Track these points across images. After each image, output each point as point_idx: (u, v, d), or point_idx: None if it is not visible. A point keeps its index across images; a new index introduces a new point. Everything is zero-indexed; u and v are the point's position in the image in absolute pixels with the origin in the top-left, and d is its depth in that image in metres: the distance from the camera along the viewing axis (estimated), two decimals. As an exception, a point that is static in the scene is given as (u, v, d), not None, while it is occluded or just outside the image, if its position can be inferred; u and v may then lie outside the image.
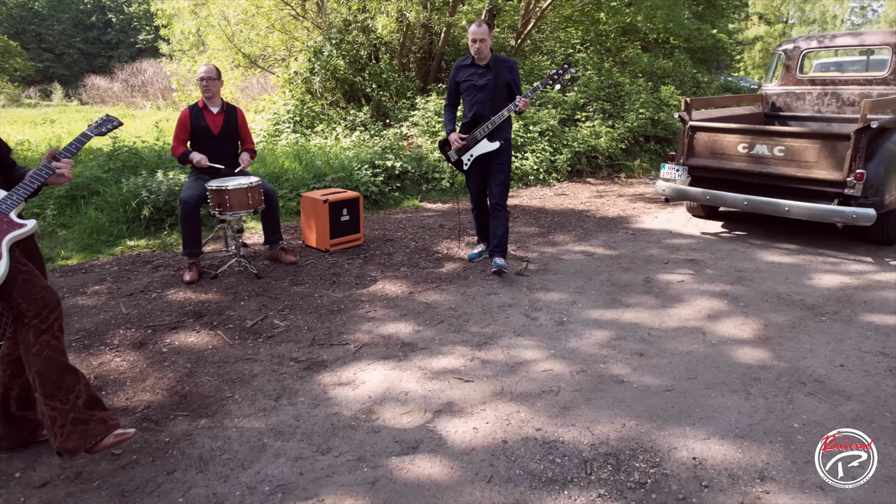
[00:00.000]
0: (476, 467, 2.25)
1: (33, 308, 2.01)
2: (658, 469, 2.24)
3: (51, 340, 2.04)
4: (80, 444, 2.06)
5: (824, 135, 4.58)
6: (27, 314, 2.01)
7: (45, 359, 2.03)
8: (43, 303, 2.03)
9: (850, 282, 4.13)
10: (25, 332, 2.02)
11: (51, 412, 2.04)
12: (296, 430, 2.50)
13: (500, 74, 3.97)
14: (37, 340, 2.02)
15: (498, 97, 4.03)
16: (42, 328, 2.03)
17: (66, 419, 2.04)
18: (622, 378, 2.89)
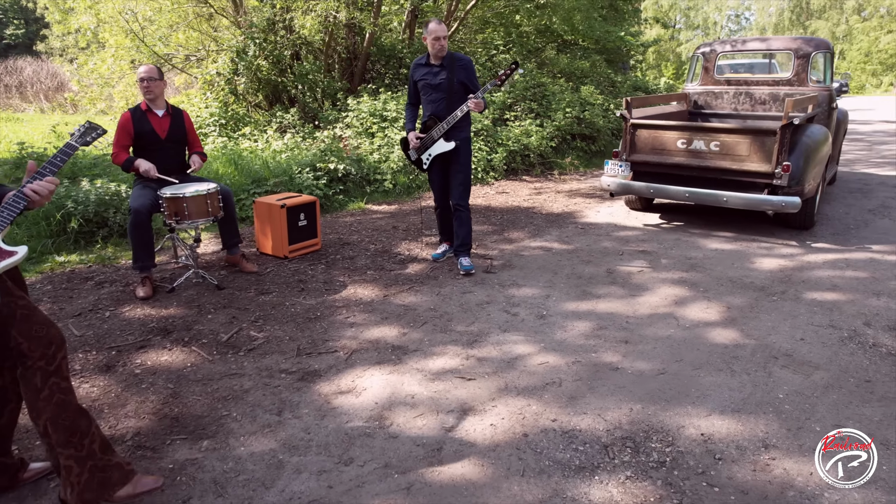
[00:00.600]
0: (505, 462, 2.27)
1: (38, 349, 1.80)
2: (673, 447, 2.37)
3: (60, 383, 1.84)
4: (98, 495, 1.88)
5: (754, 130, 5.00)
6: (31, 355, 1.79)
7: (56, 404, 1.82)
8: (47, 341, 1.82)
9: (786, 264, 4.53)
10: (31, 375, 1.81)
11: (66, 461, 1.84)
12: (309, 443, 2.41)
13: (455, 73, 4.01)
14: (45, 384, 1.81)
15: (453, 96, 4.05)
16: (50, 370, 1.82)
17: (84, 467, 1.86)
18: (615, 365, 3.01)
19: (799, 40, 6.38)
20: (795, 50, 6.32)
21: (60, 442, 1.83)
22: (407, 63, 10.76)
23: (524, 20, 12.82)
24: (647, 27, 25.40)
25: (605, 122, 10.41)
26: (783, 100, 6.37)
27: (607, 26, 14.40)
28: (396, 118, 8.35)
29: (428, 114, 4.21)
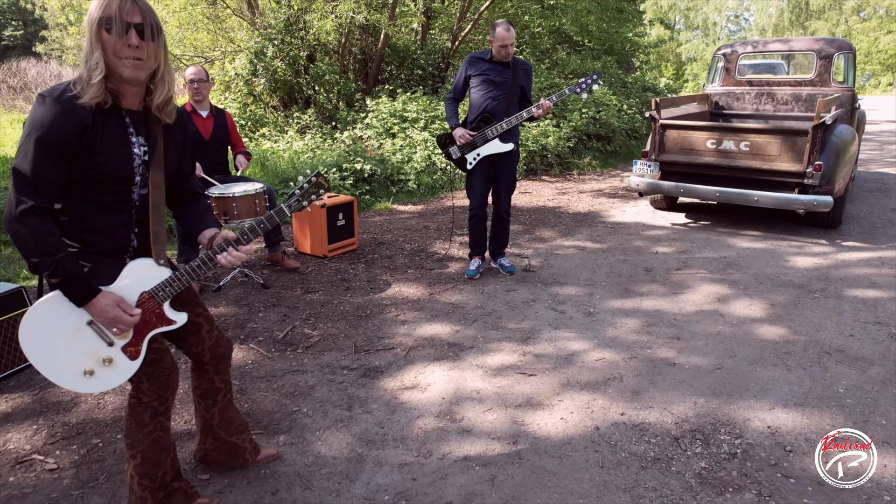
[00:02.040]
0: (583, 454, 2.32)
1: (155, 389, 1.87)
2: (742, 440, 2.41)
3: (163, 421, 1.93)
4: None
5: (785, 131, 5.05)
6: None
7: (154, 439, 1.92)
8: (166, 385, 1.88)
9: (820, 262, 4.59)
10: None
11: (142, 492, 1.92)
12: (385, 437, 2.46)
13: (518, 75, 3.96)
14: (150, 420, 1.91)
15: (513, 97, 3.95)
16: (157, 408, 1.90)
17: (156, 498, 1.95)
18: (672, 361, 3.06)
19: (821, 41, 6.44)
20: (818, 51, 6.38)
21: (141, 472, 1.88)
22: (420, 64, 10.82)
23: (534, 21, 12.88)
24: (650, 27, 25.49)
25: (620, 123, 10.48)
26: (806, 100, 6.43)
27: (616, 27, 14.48)
28: (417, 118, 8.40)
29: (481, 110, 3.98)
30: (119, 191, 1.69)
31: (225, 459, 2.17)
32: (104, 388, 1.75)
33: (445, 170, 7.67)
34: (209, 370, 2.03)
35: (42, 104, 1.53)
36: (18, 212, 1.52)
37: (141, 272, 1.74)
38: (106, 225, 1.70)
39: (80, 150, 1.56)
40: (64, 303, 1.64)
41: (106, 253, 1.72)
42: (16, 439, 2.44)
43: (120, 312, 1.66)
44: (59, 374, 1.69)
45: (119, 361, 1.73)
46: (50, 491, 2.14)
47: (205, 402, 2.07)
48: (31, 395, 2.77)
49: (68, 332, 1.67)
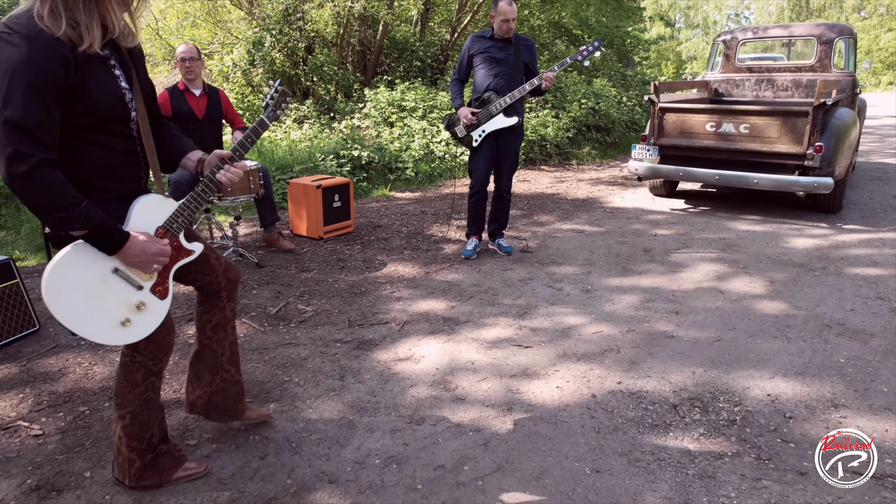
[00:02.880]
0: (579, 420, 2.27)
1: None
2: (741, 407, 2.37)
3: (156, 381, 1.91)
4: (154, 481, 1.94)
5: (785, 112, 5.00)
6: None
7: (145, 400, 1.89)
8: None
9: (820, 243, 4.54)
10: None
11: (129, 454, 1.89)
12: (377, 405, 2.41)
13: (521, 51, 3.91)
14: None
15: (517, 73, 3.90)
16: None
17: (145, 460, 1.93)
18: (671, 334, 3.01)
19: (822, 26, 6.39)
20: (818, 36, 6.32)
21: (129, 433, 1.83)
22: (419, 56, 10.77)
23: (534, 15, 12.84)
24: (651, 24, 25.41)
25: (619, 114, 10.43)
26: (806, 86, 6.38)
27: (616, 21, 14.42)
28: (415, 108, 8.35)
29: (485, 87, 3.93)
30: (120, 129, 1.62)
31: (230, 405, 2.10)
32: (144, 334, 1.69)
33: (443, 158, 7.63)
34: (223, 297, 1.99)
35: (13, 43, 1.39)
36: (27, 168, 1.38)
37: (150, 208, 1.68)
38: (121, 166, 1.64)
39: (72, 90, 1.47)
40: (83, 256, 1.54)
41: (123, 196, 1.65)
42: (1, 407, 2.39)
43: (160, 246, 1.62)
44: (97, 331, 1.60)
45: (151, 304, 1.69)
46: (34, 455, 2.09)
47: (217, 335, 2.02)
48: (19, 365, 2.73)
49: (95, 285, 1.58)
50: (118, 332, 1.63)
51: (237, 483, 1.95)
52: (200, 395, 2.08)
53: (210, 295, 1.98)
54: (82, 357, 2.82)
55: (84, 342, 2.96)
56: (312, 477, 1.98)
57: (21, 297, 3.01)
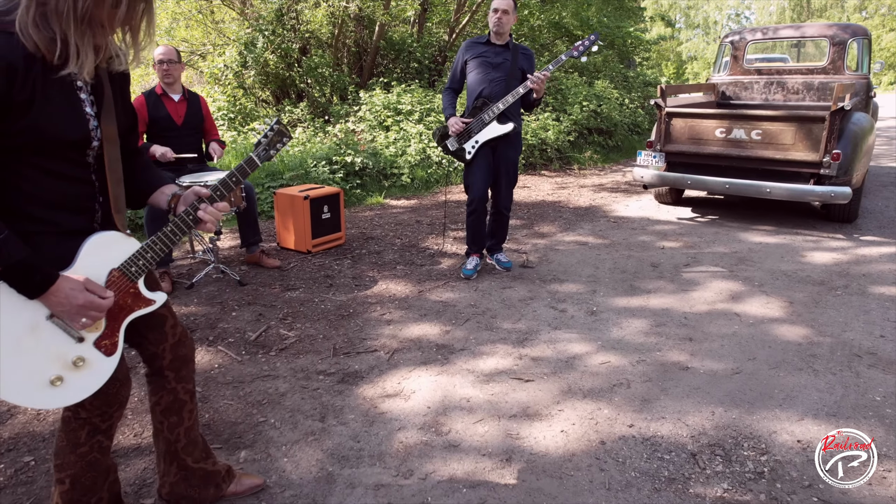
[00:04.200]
0: (586, 474, 2.01)
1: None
2: (769, 456, 2.11)
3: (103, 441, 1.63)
4: None
5: (800, 117, 4.74)
6: None
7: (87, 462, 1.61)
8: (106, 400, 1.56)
9: (839, 257, 4.28)
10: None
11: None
12: (360, 453, 2.15)
13: (518, 59, 3.64)
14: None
15: (513, 80, 3.63)
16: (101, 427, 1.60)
17: None
18: (685, 365, 2.75)
19: (835, 27, 6.12)
20: (831, 37, 6.06)
21: (68, 499, 1.58)
22: (417, 57, 10.51)
23: (534, 15, 12.59)
24: (651, 24, 25.17)
25: (622, 117, 10.17)
26: (818, 89, 6.12)
27: (618, 21, 14.17)
28: (411, 111, 8.09)
29: (478, 94, 3.68)
30: (73, 156, 1.37)
31: (195, 492, 1.81)
32: (78, 397, 1.41)
33: (441, 163, 7.36)
34: (169, 377, 1.68)
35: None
36: None
37: (106, 246, 1.42)
38: (66, 197, 1.37)
39: (14, 105, 1.22)
40: (9, 296, 1.29)
41: (70, 231, 1.39)
42: (-63, 456, 2.13)
43: (90, 296, 1.34)
44: (18, 391, 1.32)
45: (93, 360, 1.41)
46: (-35, 519, 1.83)
47: (168, 421, 1.72)
48: (-34, 404, 2.47)
49: (21, 333, 1.31)
50: (46, 392, 1.36)
51: (194, 556, 1.69)
52: (163, 485, 1.81)
53: (155, 371, 1.69)
54: (38, 392, 2.55)
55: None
56: (282, 547, 1.72)
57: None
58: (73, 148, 1.36)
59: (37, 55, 1.23)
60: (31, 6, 1.21)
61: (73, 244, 1.39)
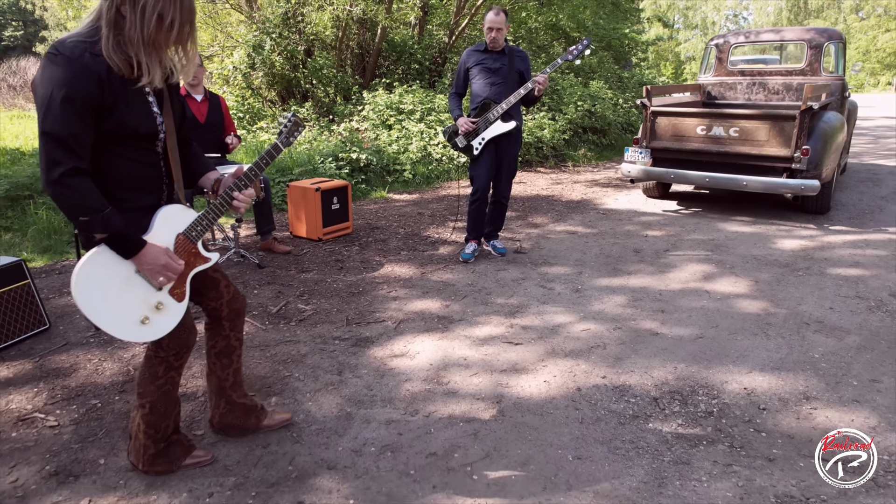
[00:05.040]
0: (563, 412, 2.41)
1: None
2: (718, 400, 2.50)
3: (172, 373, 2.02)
4: (166, 467, 2.08)
5: (773, 116, 5.13)
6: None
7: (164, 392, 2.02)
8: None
9: (807, 244, 4.67)
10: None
11: (145, 440, 2.02)
12: (373, 398, 2.54)
13: (514, 62, 4.04)
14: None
15: (511, 82, 4.02)
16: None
17: (158, 447, 2.06)
18: (655, 331, 3.14)
19: (812, 31, 6.52)
20: (808, 40, 6.46)
21: (148, 421, 1.97)
22: (417, 59, 10.90)
23: (531, 17, 12.98)
24: (648, 25, 25.61)
25: (615, 116, 10.56)
26: (797, 89, 6.51)
27: (614, 23, 14.56)
28: (413, 111, 8.48)
29: (483, 98, 4.08)
30: (147, 146, 1.76)
31: (239, 422, 2.22)
32: (161, 333, 1.81)
33: (441, 160, 7.76)
34: (226, 326, 2.10)
35: (57, 63, 1.54)
36: (59, 174, 1.54)
37: (173, 216, 1.82)
38: (146, 179, 1.77)
39: (104, 108, 1.60)
40: (109, 256, 1.68)
41: (147, 207, 1.78)
42: (18, 400, 2.53)
43: (170, 260, 1.75)
44: (119, 327, 1.72)
45: (169, 305, 1.81)
46: (51, 444, 2.22)
47: (220, 362, 2.14)
48: (32, 362, 2.86)
49: (119, 284, 1.71)
50: (138, 329, 1.76)
51: (241, 469, 2.08)
52: (214, 416, 2.22)
53: (213, 321, 2.10)
54: (92, 354, 2.95)
55: (93, 340, 3.09)
56: (312, 464, 2.11)
57: (32, 296, 3.14)
58: (146, 139, 1.76)
59: (117, 70, 1.62)
60: (109, 36, 1.60)
61: (148, 216, 1.79)
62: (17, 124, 12.55)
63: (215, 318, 2.08)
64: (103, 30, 1.60)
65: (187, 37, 1.69)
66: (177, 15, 1.63)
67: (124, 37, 1.61)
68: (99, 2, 1.63)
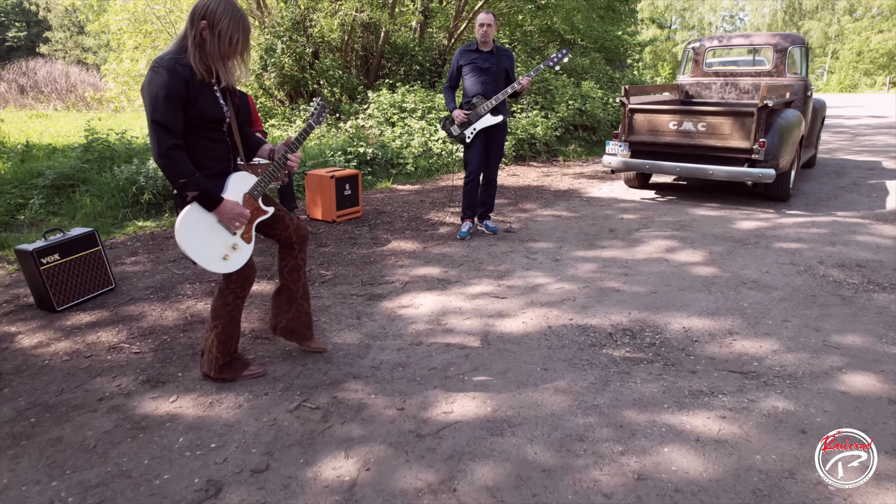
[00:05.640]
0: (536, 342, 3.06)
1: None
2: (661, 336, 3.15)
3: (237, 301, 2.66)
4: (230, 375, 2.73)
5: (735, 112, 5.78)
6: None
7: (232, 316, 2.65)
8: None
9: (762, 225, 5.32)
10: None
11: (217, 353, 2.66)
12: (386, 334, 3.19)
13: (501, 60, 4.71)
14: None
15: (499, 80, 4.68)
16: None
17: (226, 359, 2.70)
18: (617, 288, 3.79)
19: (777, 36, 7.17)
20: (774, 45, 7.12)
21: (219, 339, 2.62)
22: (418, 60, 11.56)
23: (527, 20, 13.62)
24: (644, 27, 26.27)
25: (605, 115, 11.21)
26: (764, 89, 7.15)
27: (606, 26, 15.21)
28: (415, 109, 9.13)
29: (474, 93, 4.74)
30: (219, 128, 2.41)
31: (300, 329, 2.86)
32: (236, 266, 2.46)
33: (440, 154, 8.41)
34: (295, 248, 2.74)
35: (159, 73, 2.21)
36: (166, 149, 2.19)
37: (240, 180, 2.47)
38: (218, 153, 2.43)
39: (189, 102, 2.27)
40: (199, 211, 2.33)
41: (220, 173, 2.44)
42: (105, 336, 3.18)
43: (241, 211, 2.41)
44: (208, 261, 2.37)
45: (241, 246, 2.47)
46: (138, 364, 2.88)
47: (291, 277, 2.78)
48: (108, 311, 3.51)
49: (206, 230, 2.36)
50: (221, 263, 2.42)
51: (287, 379, 2.74)
52: (280, 321, 2.85)
53: (285, 246, 2.74)
54: (154, 306, 3.60)
55: (153, 296, 3.74)
56: (342, 375, 2.77)
57: (102, 261, 3.79)
58: (216, 123, 2.41)
59: (198, 76, 2.28)
60: (195, 52, 2.26)
61: (222, 181, 2.44)
62: (38, 123, 13.20)
63: (287, 243, 2.72)
64: (190, 48, 2.26)
65: (245, 50, 2.35)
66: (240, 36, 2.29)
67: (205, 53, 2.27)
68: (185, 28, 2.30)
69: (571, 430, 2.31)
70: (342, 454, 2.19)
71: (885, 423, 2.34)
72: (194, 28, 2.26)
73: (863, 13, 43.02)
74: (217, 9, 2.26)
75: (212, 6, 2.26)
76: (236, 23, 2.28)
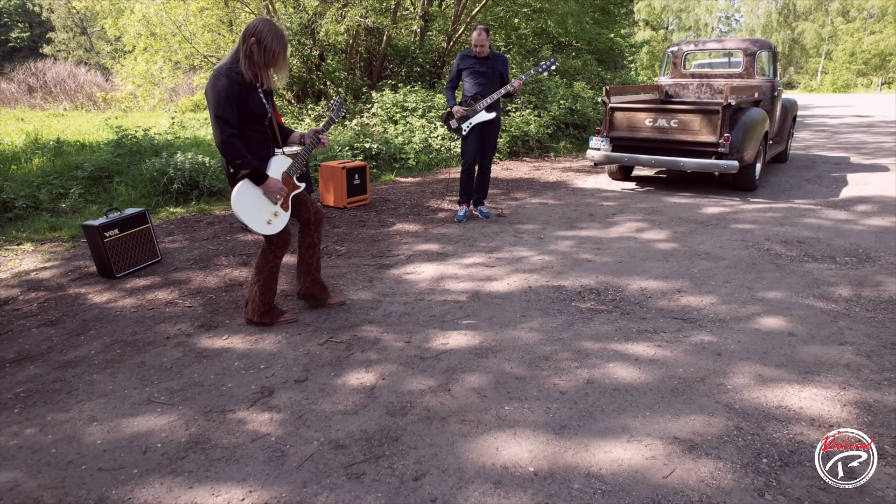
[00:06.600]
0: (518, 297, 3.72)
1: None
2: (621, 293, 3.81)
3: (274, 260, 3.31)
4: (270, 320, 3.39)
5: (702, 110, 6.45)
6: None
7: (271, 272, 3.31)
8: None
9: (725, 210, 5.99)
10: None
11: (260, 300, 3.31)
12: (395, 293, 3.85)
13: (496, 65, 5.38)
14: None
15: (493, 82, 5.35)
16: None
17: (267, 307, 3.36)
18: (589, 259, 4.46)
19: (747, 41, 7.84)
20: (744, 49, 7.79)
21: (262, 291, 3.28)
22: (419, 62, 12.23)
23: (522, 23, 14.29)
24: (639, 29, 26.95)
25: (595, 113, 11.87)
26: (736, 89, 7.81)
27: (599, 28, 15.88)
28: (416, 108, 9.80)
29: (472, 93, 5.40)
30: (263, 122, 3.08)
31: (317, 293, 3.54)
32: (277, 229, 3.12)
33: (440, 150, 9.07)
34: (312, 228, 3.40)
35: (219, 79, 2.88)
36: (227, 136, 2.85)
37: (279, 161, 3.14)
38: (262, 141, 3.09)
39: (240, 99, 2.94)
40: (249, 185, 3.00)
41: (263, 157, 3.11)
42: (160, 295, 3.84)
43: (282, 185, 3.08)
44: (257, 224, 3.03)
45: (280, 213, 3.14)
46: (192, 314, 3.54)
47: (309, 252, 3.44)
48: (159, 277, 4.18)
49: (254, 200, 3.03)
50: (266, 227, 3.09)
51: (315, 324, 3.40)
52: (301, 287, 3.53)
53: (305, 226, 3.40)
54: (197, 273, 4.26)
55: (195, 266, 4.40)
56: (359, 321, 3.43)
57: (150, 237, 4.45)
58: (261, 118, 3.08)
59: (247, 80, 2.94)
60: (245, 62, 2.92)
61: (266, 162, 3.11)
62: (57, 121, 13.86)
63: (306, 224, 3.39)
64: (241, 59, 2.92)
65: (284, 60, 3.02)
66: (280, 49, 2.96)
67: (253, 62, 2.93)
68: (237, 44, 2.96)
69: (539, 353, 2.98)
70: (363, 370, 2.86)
71: (781, 349, 3.01)
72: (245, 43, 2.92)
73: (855, 15, 43.76)
74: (264, 29, 2.92)
75: (259, 27, 2.92)
76: (278, 40, 2.94)
